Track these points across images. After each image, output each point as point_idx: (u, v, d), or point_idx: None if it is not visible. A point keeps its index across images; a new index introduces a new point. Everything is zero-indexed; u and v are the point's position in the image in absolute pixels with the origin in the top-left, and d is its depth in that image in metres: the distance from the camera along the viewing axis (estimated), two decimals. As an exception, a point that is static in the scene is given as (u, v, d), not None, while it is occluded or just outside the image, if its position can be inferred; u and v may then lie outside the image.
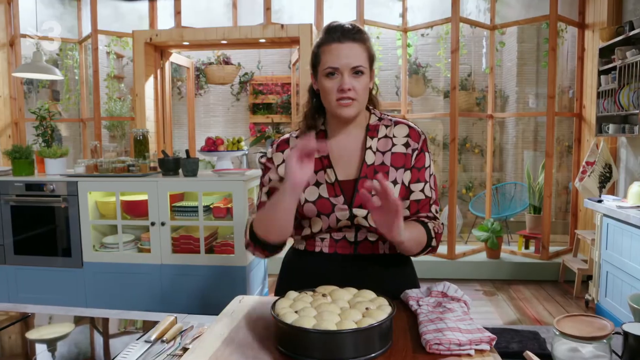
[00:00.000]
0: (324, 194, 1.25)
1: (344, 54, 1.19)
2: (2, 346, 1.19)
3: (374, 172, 1.26)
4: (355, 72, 1.20)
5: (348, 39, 1.20)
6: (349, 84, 1.19)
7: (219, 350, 0.95)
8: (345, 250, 1.28)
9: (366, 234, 1.27)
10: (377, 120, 1.33)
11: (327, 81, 1.21)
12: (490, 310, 3.60)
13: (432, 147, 6.41)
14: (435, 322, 1.02)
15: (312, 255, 1.30)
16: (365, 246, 1.28)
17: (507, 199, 5.58)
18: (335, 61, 1.19)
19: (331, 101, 1.23)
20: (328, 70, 1.20)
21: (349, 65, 1.19)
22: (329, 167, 1.28)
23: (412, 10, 4.57)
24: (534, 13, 4.27)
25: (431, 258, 4.37)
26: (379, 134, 1.30)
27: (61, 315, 1.34)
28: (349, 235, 1.27)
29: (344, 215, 1.24)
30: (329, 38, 1.22)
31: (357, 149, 1.29)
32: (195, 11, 4.80)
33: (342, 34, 1.20)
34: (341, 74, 1.20)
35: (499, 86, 6.19)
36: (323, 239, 1.29)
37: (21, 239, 3.17)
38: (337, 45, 1.20)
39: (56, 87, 5.85)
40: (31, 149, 3.19)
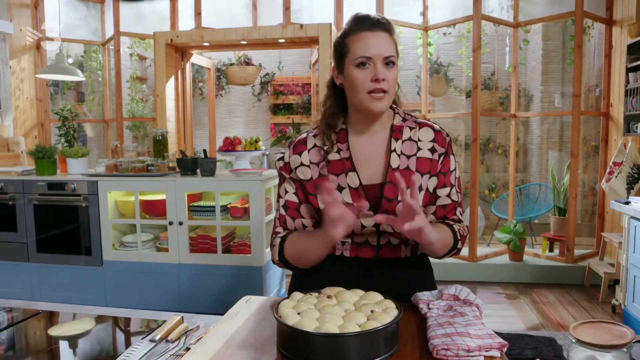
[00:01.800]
0: (348, 199, 1.19)
1: (375, 43, 1.14)
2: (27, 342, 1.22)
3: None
4: (387, 63, 1.15)
5: (379, 28, 1.15)
6: (382, 74, 1.13)
7: (220, 351, 0.94)
8: (367, 254, 1.24)
9: (389, 237, 1.23)
10: (401, 120, 1.26)
11: (357, 72, 1.15)
12: (512, 314, 3.51)
13: (455, 147, 6.32)
14: (444, 327, 0.98)
15: (332, 259, 1.25)
16: (388, 250, 1.24)
17: (532, 201, 5.45)
18: (367, 50, 1.13)
19: (361, 93, 1.16)
20: (360, 60, 1.14)
21: (382, 54, 1.14)
22: (352, 170, 1.21)
23: (433, 8, 4.50)
24: (559, 10, 4.16)
25: (452, 260, 4.29)
26: (403, 136, 1.24)
27: (80, 313, 1.36)
28: (371, 239, 1.23)
29: (370, 222, 1.19)
30: (358, 27, 1.16)
31: (382, 151, 1.23)
32: (216, 12, 4.83)
33: (373, 23, 1.16)
34: (374, 63, 1.14)
35: (523, 85, 6.05)
36: (344, 242, 1.25)
37: (43, 237, 3.23)
38: (368, 33, 1.14)
39: (81, 88, 5.97)
40: (53, 149, 3.25)
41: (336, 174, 1.22)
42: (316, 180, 1.23)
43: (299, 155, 1.26)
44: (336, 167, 1.22)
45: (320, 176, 1.23)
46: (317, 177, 1.24)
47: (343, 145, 1.24)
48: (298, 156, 1.26)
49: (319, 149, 1.25)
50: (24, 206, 3.22)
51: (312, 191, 1.24)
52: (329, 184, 1.04)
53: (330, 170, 1.23)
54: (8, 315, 1.31)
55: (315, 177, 1.24)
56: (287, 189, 1.28)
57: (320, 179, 1.23)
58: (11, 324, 1.26)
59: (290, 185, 1.28)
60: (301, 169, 1.25)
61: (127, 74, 5.56)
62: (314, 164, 1.24)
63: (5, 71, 3.97)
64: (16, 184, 3.20)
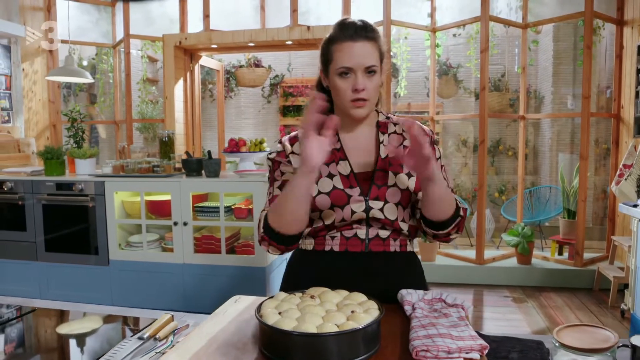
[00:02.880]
0: (339, 185, 1.23)
1: (357, 53, 1.17)
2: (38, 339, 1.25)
3: (389, 164, 1.25)
4: (368, 72, 1.18)
5: (361, 38, 1.17)
6: (362, 84, 1.17)
7: (202, 349, 0.95)
8: (356, 247, 1.25)
9: (377, 230, 1.25)
10: (385, 118, 1.33)
11: (340, 81, 1.19)
12: (519, 317, 3.48)
13: (464, 149, 6.27)
14: (426, 328, 0.98)
15: (321, 255, 1.27)
16: (377, 243, 1.25)
17: (542, 203, 5.39)
18: (348, 61, 1.17)
19: (344, 101, 1.21)
20: (341, 70, 1.18)
21: (363, 65, 1.17)
22: (343, 159, 1.26)
23: (441, 9, 4.48)
24: (569, 10, 4.11)
25: (459, 263, 4.27)
26: (389, 130, 1.30)
27: (82, 312, 1.38)
28: (360, 233, 1.25)
29: (360, 207, 1.21)
30: (341, 36, 1.19)
31: (371, 142, 1.29)
32: (225, 15, 4.86)
33: (356, 31, 1.17)
34: (355, 73, 1.18)
35: (533, 86, 5.99)
36: (333, 237, 1.26)
37: (52, 236, 3.28)
38: (351, 43, 1.17)
39: (94, 90, 6.05)
40: (62, 150, 3.30)
41: (327, 164, 1.25)
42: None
43: (291, 146, 1.30)
44: (328, 157, 1.22)
45: None
46: None
47: (333, 139, 1.25)
48: (291, 146, 1.30)
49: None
50: (33, 206, 3.27)
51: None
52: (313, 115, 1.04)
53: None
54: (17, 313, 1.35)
55: None
56: (284, 170, 1.28)
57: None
58: (4, 321, 1.28)
59: (287, 167, 1.28)
60: (294, 158, 1.28)
61: (138, 76, 5.63)
62: None
63: (17, 74, 4.04)
64: (25, 184, 3.26)
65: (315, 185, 1.22)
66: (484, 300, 3.82)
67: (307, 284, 1.15)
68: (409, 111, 6.33)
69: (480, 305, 3.72)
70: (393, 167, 1.25)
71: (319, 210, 1.23)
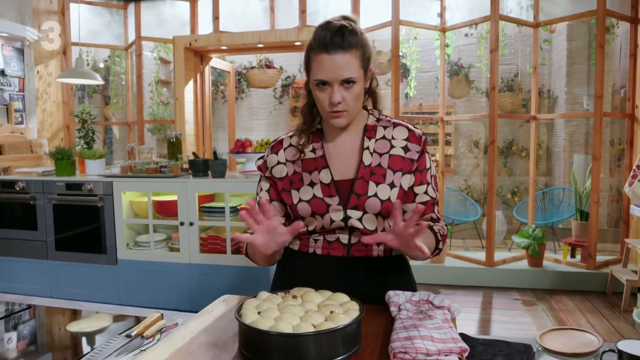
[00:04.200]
0: (319, 193, 1.23)
1: (331, 67, 1.14)
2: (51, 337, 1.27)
3: (371, 173, 1.23)
4: (346, 83, 1.16)
5: (336, 48, 1.13)
6: (338, 97, 1.15)
7: (182, 348, 0.95)
8: (338, 252, 1.25)
9: (360, 236, 1.24)
10: (375, 121, 1.29)
11: (318, 92, 1.19)
12: (528, 321, 3.43)
13: (475, 150, 6.21)
14: (408, 330, 0.97)
15: (305, 257, 1.28)
16: (359, 248, 1.25)
17: (555, 205, 5.31)
18: (324, 74, 1.15)
19: (322, 111, 1.22)
20: (317, 82, 1.17)
21: (338, 78, 1.14)
22: (325, 167, 1.25)
23: (451, 9, 4.44)
24: (581, 8, 4.04)
25: (468, 264, 4.22)
26: (376, 135, 1.27)
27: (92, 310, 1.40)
28: (342, 237, 1.24)
29: (338, 217, 1.21)
30: (316, 46, 1.16)
31: (354, 149, 1.26)
32: (235, 17, 4.89)
33: (331, 41, 1.13)
34: (331, 86, 1.16)
35: (547, 86, 5.91)
36: (317, 240, 1.27)
37: (62, 236, 3.33)
38: (324, 57, 1.14)
39: (107, 92, 6.14)
40: (72, 150, 3.35)
41: (309, 171, 1.26)
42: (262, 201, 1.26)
43: (275, 155, 1.31)
44: (310, 165, 1.27)
45: (295, 173, 1.27)
46: (292, 174, 1.28)
47: (317, 144, 1.28)
48: (275, 155, 1.31)
49: (294, 147, 1.29)
50: (44, 206, 3.33)
51: (287, 187, 1.27)
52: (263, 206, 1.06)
53: (305, 167, 1.27)
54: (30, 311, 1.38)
55: (291, 174, 1.28)
56: (262, 186, 1.34)
57: (295, 176, 1.27)
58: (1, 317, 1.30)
59: (265, 183, 1.33)
60: (277, 168, 1.30)
61: (151, 77, 5.70)
62: (289, 161, 1.29)
63: (30, 76, 4.11)
64: (37, 184, 3.32)
65: (297, 193, 1.25)
66: (493, 303, 3.77)
67: (293, 283, 1.16)
68: (421, 112, 6.29)
69: (489, 307, 3.68)
70: (375, 177, 1.22)
71: (302, 217, 1.24)
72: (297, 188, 1.25)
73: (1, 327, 1.32)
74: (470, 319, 3.44)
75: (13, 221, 3.42)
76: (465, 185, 6.18)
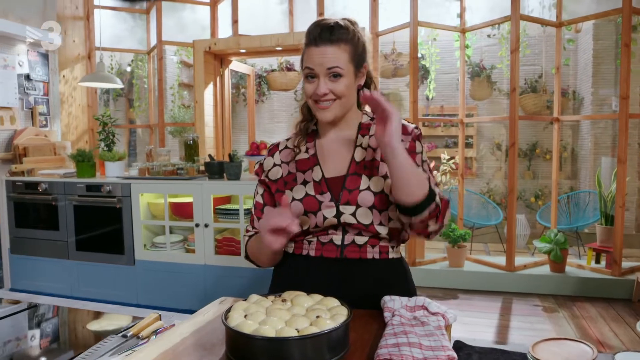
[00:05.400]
0: (311, 191, 1.24)
1: (318, 58, 1.17)
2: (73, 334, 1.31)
3: (364, 167, 1.23)
4: (333, 75, 1.18)
5: (324, 42, 1.17)
6: (324, 89, 1.17)
7: (170, 349, 0.96)
8: (331, 253, 1.24)
9: (354, 236, 1.23)
10: (370, 120, 1.31)
11: (306, 84, 1.21)
12: (547, 328, 3.34)
13: (498, 153, 6.09)
14: (397, 336, 0.95)
15: (299, 258, 1.28)
16: (353, 250, 1.24)
17: (581, 209, 5.16)
18: (310, 62, 1.19)
19: (311, 103, 1.23)
20: (306, 71, 1.20)
21: (324, 67, 1.17)
22: (316, 164, 1.26)
23: (471, 9, 4.37)
24: (606, 7, 3.92)
25: (488, 269, 4.14)
26: (370, 132, 1.28)
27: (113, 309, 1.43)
28: (335, 238, 1.24)
29: (331, 213, 1.21)
30: (308, 41, 1.21)
31: (347, 146, 1.27)
32: (255, 20, 4.94)
33: (319, 36, 1.18)
34: (317, 77, 1.18)
35: (572, 87, 5.76)
36: (310, 241, 1.26)
37: (82, 236, 3.41)
38: (313, 49, 1.18)
39: (132, 95, 6.26)
40: (92, 152, 3.42)
41: (303, 171, 1.27)
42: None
43: (271, 157, 1.34)
44: (303, 165, 1.28)
45: (289, 173, 1.29)
46: (286, 175, 1.29)
47: (311, 144, 1.30)
48: (271, 158, 1.34)
49: (290, 148, 1.32)
50: (65, 207, 3.41)
51: (282, 188, 1.29)
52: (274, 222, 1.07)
53: (299, 167, 1.28)
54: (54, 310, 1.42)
55: (285, 175, 1.30)
56: (258, 190, 1.36)
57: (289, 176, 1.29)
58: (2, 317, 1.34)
59: (260, 187, 1.36)
60: (273, 170, 1.32)
61: (174, 80, 5.79)
62: (284, 162, 1.31)
63: (54, 80, 4.23)
64: (58, 186, 3.41)
65: (290, 192, 1.26)
66: (513, 309, 3.69)
67: (287, 286, 1.15)
68: (442, 113, 6.22)
69: (508, 313, 3.60)
70: (368, 171, 1.22)
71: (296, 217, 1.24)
72: (291, 188, 1.26)
73: (25, 324, 1.36)
74: (488, 325, 3.38)
75: (36, 221, 3.52)
76: (487, 188, 6.07)
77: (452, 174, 4.65)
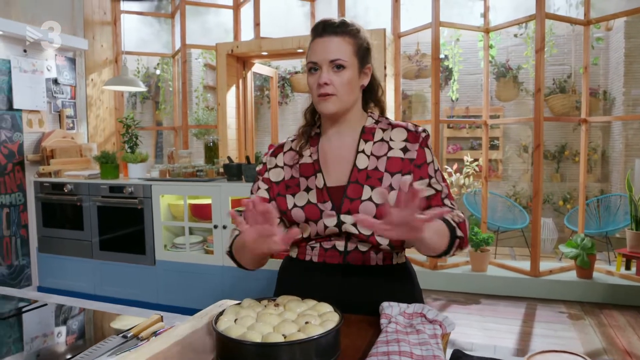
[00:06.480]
0: (313, 199, 1.22)
1: (321, 48, 1.17)
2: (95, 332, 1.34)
3: (367, 177, 1.21)
4: (336, 67, 1.17)
5: (328, 33, 1.18)
6: (325, 78, 1.16)
7: (162, 351, 0.96)
8: (333, 260, 1.23)
9: (357, 243, 1.22)
10: (374, 122, 1.28)
11: (309, 77, 1.21)
12: (573, 336, 3.24)
13: (524, 155, 5.95)
14: (389, 344, 0.93)
15: (302, 264, 1.27)
16: (356, 256, 1.22)
17: (611, 213, 4.99)
18: (314, 56, 1.18)
19: (313, 96, 1.22)
20: (309, 65, 1.20)
21: (327, 58, 1.16)
22: (318, 172, 1.24)
23: (495, 9, 4.29)
24: (637, 3, 3.78)
25: (512, 274, 4.05)
26: (374, 138, 1.25)
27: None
28: (338, 245, 1.23)
29: (332, 222, 1.20)
30: (313, 35, 1.22)
31: (350, 152, 1.25)
32: (277, 23, 4.97)
33: (324, 28, 1.19)
34: (320, 68, 1.18)
35: (603, 87, 5.57)
36: (313, 247, 1.25)
37: (105, 236, 3.49)
38: (317, 40, 1.19)
39: (158, 98, 6.39)
40: (115, 154, 3.50)
41: (306, 177, 1.25)
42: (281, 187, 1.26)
43: (274, 157, 1.32)
44: (307, 170, 1.26)
45: (292, 178, 1.27)
46: (289, 178, 1.28)
47: (314, 149, 1.28)
48: (274, 158, 1.32)
49: (294, 151, 1.30)
50: (90, 207, 3.50)
51: (283, 192, 1.27)
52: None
53: (302, 172, 1.27)
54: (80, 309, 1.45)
55: (287, 178, 1.28)
56: (260, 186, 1.32)
57: (292, 181, 1.27)
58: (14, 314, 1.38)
59: (263, 183, 1.32)
60: (275, 171, 1.30)
61: (198, 83, 5.88)
62: (287, 165, 1.30)
63: (81, 84, 4.35)
64: (83, 187, 3.50)
65: (292, 198, 1.24)
66: (537, 316, 3.59)
67: (290, 292, 1.15)
68: (467, 115, 6.12)
69: (531, 320, 3.51)
70: (371, 180, 1.20)
71: (297, 223, 1.23)
72: (293, 193, 1.25)
73: (51, 321, 1.40)
74: (510, 332, 3.30)
75: (63, 221, 3.62)
76: (514, 191, 5.93)
77: (476, 176, 4.56)
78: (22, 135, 3.70)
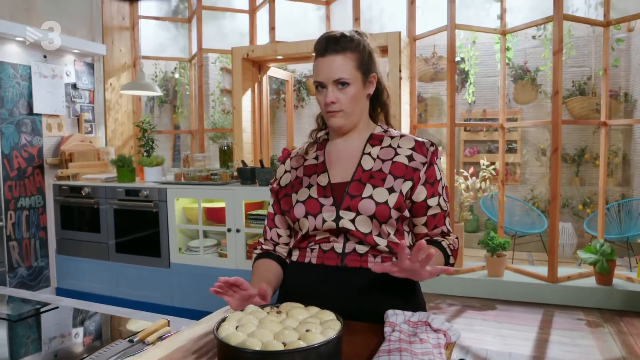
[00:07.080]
0: (314, 194, 1.26)
1: (325, 68, 1.22)
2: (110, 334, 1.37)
3: (370, 177, 1.24)
4: (340, 84, 1.22)
5: (330, 52, 1.22)
6: (332, 97, 1.22)
7: (166, 356, 0.97)
8: (331, 261, 1.24)
9: (355, 245, 1.22)
10: (382, 132, 1.33)
11: (317, 94, 1.27)
12: (591, 344, 3.17)
13: (543, 158, 5.85)
14: (391, 353, 0.93)
15: (301, 267, 1.29)
16: (353, 258, 1.23)
17: (633, 218, 4.87)
18: (318, 76, 1.24)
19: (323, 112, 1.28)
20: (316, 84, 1.25)
21: (330, 78, 1.21)
22: (324, 171, 1.29)
23: (512, 10, 4.23)
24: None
25: (529, 279, 3.98)
26: (382, 144, 1.29)
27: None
28: (337, 246, 1.24)
29: (330, 217, 1.22)
30: (316, 53, 1.26)
31: (356, 154, 1.30)
32: (293, 27, 4.99)
33: (325, 47, 1.23)
34: (326, 87, 1.23)
35: (624, 89, 5.46)
36: (312, 249, 1.27)
37: (121, 239, 3.54)
38: (320, 60, 1.24)
39: (175, 102, 6.46)
40: (131, 158, 3.55)
41: (309, 175, 1.31)
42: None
43: (283, 164, 1.40)
44: (310, 170, 1.32)
45: (296, 178, 1.33)
46: (294, 179, 1.33)
47: (321, 152, 1.34)
48: (283, 165, 1.40)
49: (300, 155, 1.37)
50: (106, 210, 3.55)
51: (289, 192, 1.32)
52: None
53: (306, 172, 1.32)
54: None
55: (293, 180, 1.34)
56: (270, 200, 1.41)
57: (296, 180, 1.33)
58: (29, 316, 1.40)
59: (273, 196, 1.40)
60: (284, 177, 1.37)
61: (215, 87, 5.94)
62: (293, 168, 1.36)
63: (99, 88, 4.42)
64: (100, 190, 3.55)
65: (295, 195, 1.29)
66: (554, 322, 3.53)
67: (290, 294, 1.21)
68: (485, 118, 6.05)
69: (548, 327, 3.44)
70: (374, 180, 1.23)
71: (297, 220, 1.25)
72: (296, 191, 1.29)
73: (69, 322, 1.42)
74: (525, 339, 3.24)
75: (80, 224, 3.69)
76: (532, 195, 5.84)
77: (493, 180, 4.50)
78: (42, 139, 3.78)
